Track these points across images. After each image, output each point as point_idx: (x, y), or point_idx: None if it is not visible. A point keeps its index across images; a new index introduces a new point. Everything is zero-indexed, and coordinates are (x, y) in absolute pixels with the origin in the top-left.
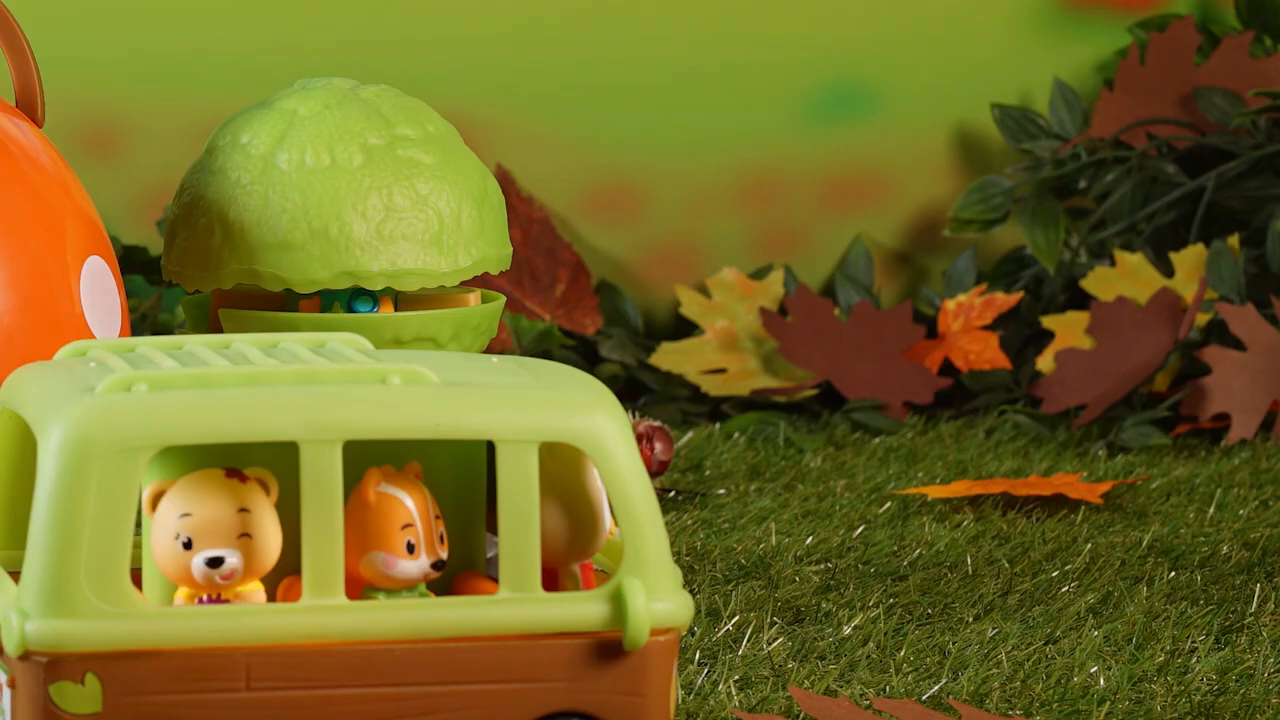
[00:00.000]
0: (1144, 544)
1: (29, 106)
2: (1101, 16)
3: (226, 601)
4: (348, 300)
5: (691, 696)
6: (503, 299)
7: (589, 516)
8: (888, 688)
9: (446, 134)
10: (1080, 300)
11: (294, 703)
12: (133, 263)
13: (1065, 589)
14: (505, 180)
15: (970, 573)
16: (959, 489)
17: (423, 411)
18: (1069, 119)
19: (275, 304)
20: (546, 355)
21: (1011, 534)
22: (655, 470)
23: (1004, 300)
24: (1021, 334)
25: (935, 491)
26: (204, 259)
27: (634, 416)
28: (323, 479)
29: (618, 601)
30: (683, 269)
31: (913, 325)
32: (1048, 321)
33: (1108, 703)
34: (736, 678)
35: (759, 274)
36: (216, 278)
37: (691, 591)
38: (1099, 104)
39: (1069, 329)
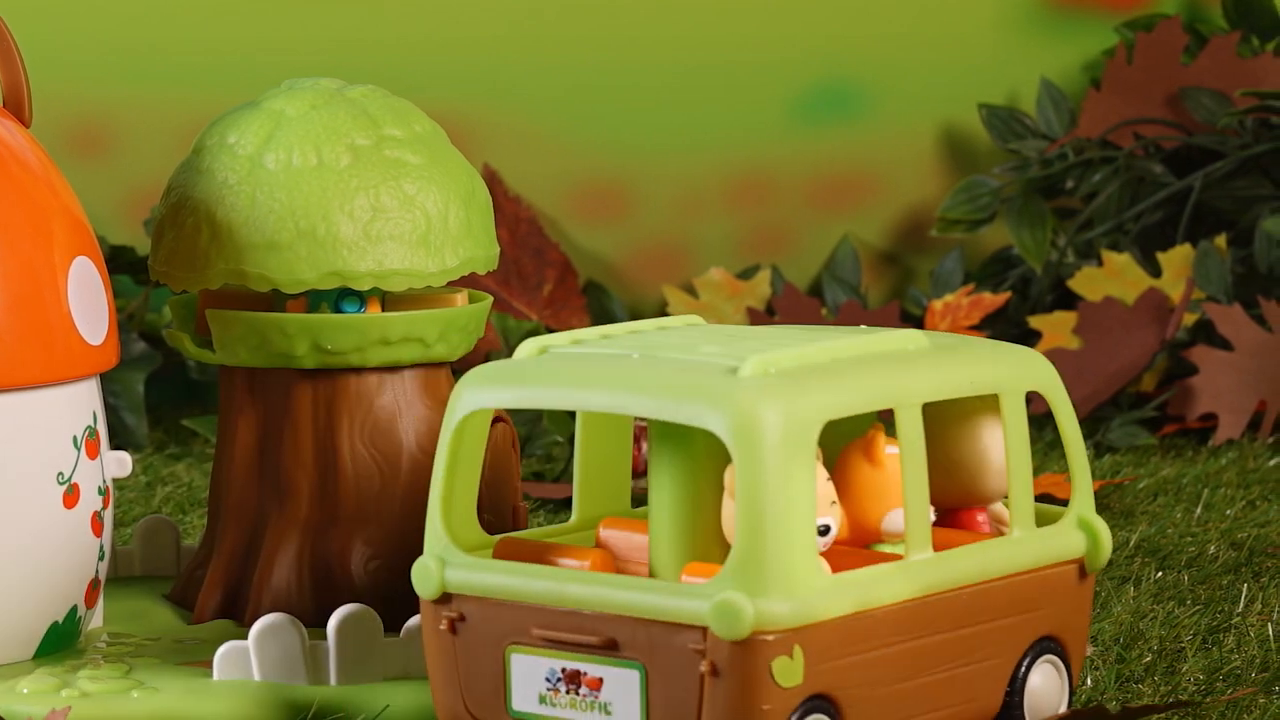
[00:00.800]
0: (1131, 544)
1: (16, 107)
2: (1088, 16)
3: None
4: (335, 300)
5: None
6: (490, 299)
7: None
8: None
9: (433, 134)
10: (1067, 300)
11: (912, 653)
12: (120, 263)
13: None
14: (492, 180)
15: None
16: None
17: (962, 372)
18: (1056, 119)
19: (262, 304)
20: None
21: None
22: (642, 470)
23: (991, 300)
24: (1009, 334)
25: None
26: (191, 259)
27: None
28: (913, 441)
29: (1087, 530)
30: (670, 269)
31: (900, 325)
32: (1035, 321)
33: (1095, 703)
34: None
35: (746, 274)
36: (203, 278)
37: None
38: (1086, 104)
39: (1056, 329)
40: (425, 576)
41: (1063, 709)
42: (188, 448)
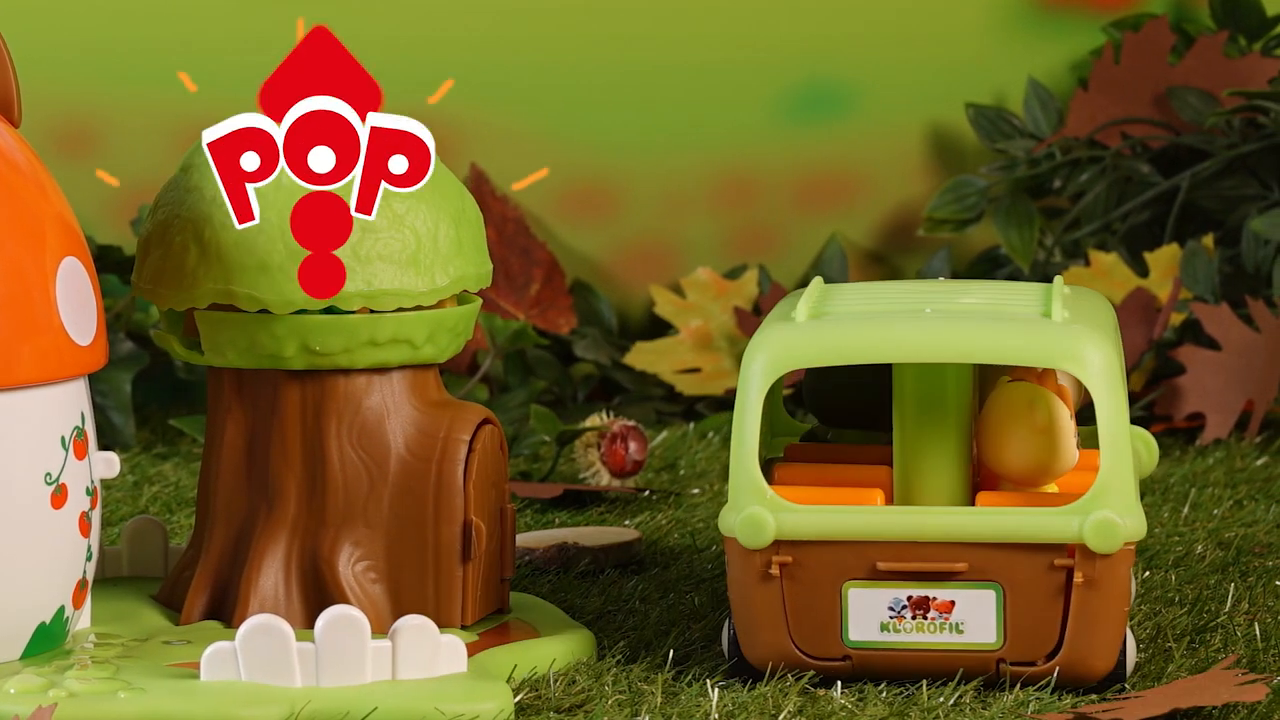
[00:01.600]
0: None
1: (5, 106)
2: (1076, 16)
3: None
4: None
5: (672, 697)
6: (479, 301)
7: None
8: (864, 689)
9: None
10: None
11: None
12: (108, 262)
13: None
14: (479, 180)
15: None
16: None
17: (1112, 312)
18: (1043, 118)
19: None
20: (520, 355)
21: None
22: (629, 470)
23: None
24: None
25: None
26: (179, 278)
27: (608, 416)
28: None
29: (1142, 440)
30: (657, 268)
31: None
32: None
33: (1083, 704)
34: (712, 678)
35: (733, 273)
36: (191, 297)
37: (663, 592)
38: (1074, 103)
39: None
40: (759, 527)
41: None
42: (175, 448)
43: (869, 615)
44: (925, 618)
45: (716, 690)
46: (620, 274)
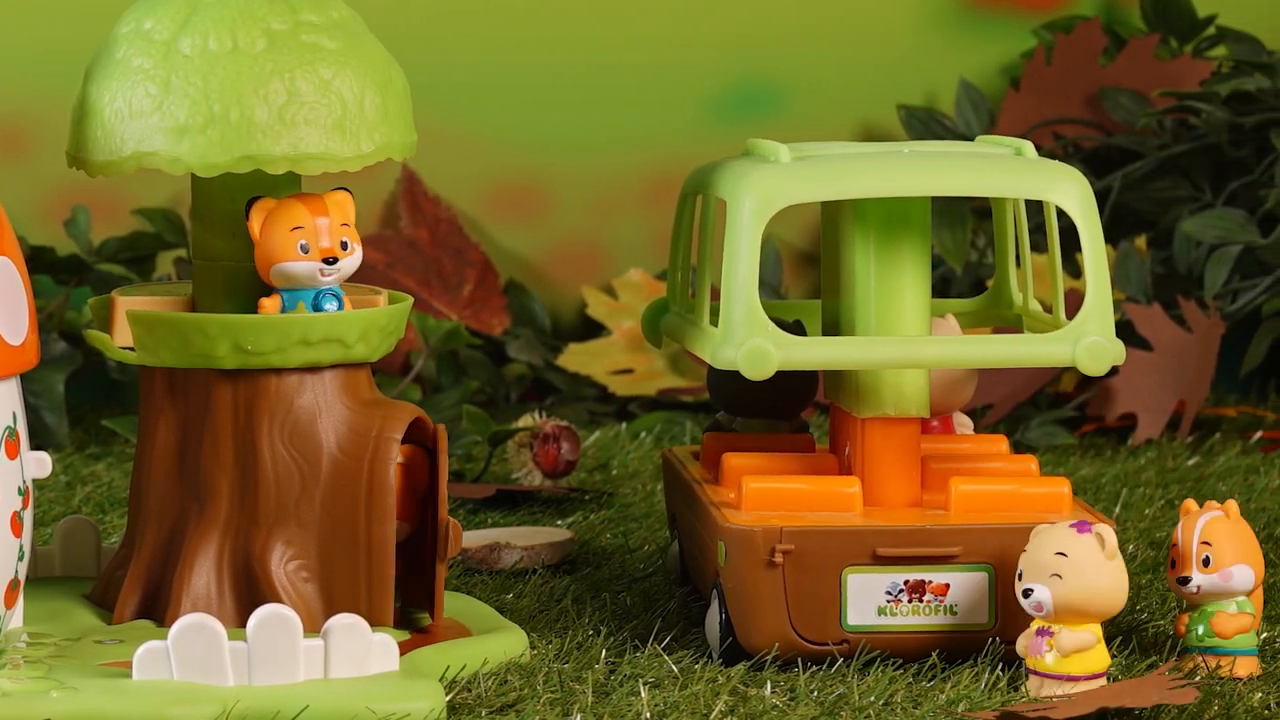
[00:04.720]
0: None
1: None
2: (1007, 18)
3: None
4: (314, 299)
5: (604, 696)
6: (410, 300)
7: None
8: (794, 688)
9: (351, 21)
10: None
11: None
12: (40, 263)
13: None
14: (411, 180)
15: None
16: None
17: None
18: (975, 119)
19: (184, 306)
20: (453, 355)
21: None
22: (562, 470)
23: None
24: None
25: None
26: (106, 145)
27: (540, 416)
28: None
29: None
30: (589, 269)
31: None
32: None
33: (1012, 703)
34: (645, 678)
35: (665, 274)
36: (117, 164)
37: (595, 591)
38: (1005, 104)
39: (976, 329)
40: (763, 357)
41: None
42: (108, 447)
43: (867, 600)
44: (921, 600)
45: (647, 689)
46: (553, 274)
